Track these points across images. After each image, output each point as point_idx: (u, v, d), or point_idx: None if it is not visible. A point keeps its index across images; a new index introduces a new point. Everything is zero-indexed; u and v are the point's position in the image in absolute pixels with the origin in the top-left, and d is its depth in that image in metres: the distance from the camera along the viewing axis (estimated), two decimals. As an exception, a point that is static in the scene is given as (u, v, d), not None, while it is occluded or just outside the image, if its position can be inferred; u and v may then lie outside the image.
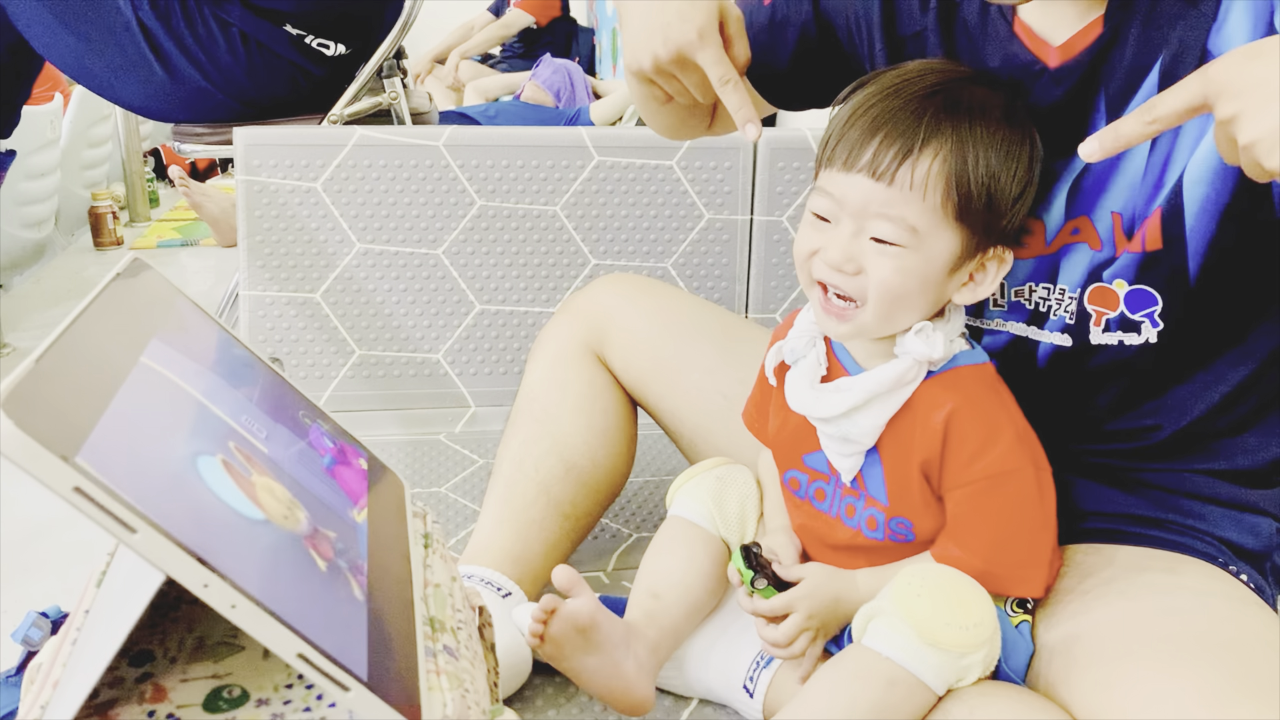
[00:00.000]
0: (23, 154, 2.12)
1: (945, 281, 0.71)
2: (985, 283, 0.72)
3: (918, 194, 0.68)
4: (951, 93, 0.70)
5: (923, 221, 0.68)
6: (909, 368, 0.71)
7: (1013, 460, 0.71)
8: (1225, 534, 0.76)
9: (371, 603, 0.48)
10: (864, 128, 0.69)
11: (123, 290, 0.52)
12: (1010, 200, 0.70)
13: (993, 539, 0.72)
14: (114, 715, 0.45)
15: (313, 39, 1.62)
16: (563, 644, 0.73)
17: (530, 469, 0.95)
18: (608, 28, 4.45)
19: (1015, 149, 0.70)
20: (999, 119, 0.70)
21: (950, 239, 0.69)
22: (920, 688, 0.67)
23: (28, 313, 2.41)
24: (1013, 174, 0.70)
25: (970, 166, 0.68)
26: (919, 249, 0.69)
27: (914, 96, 0.70)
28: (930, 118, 0.68)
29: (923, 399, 0.72)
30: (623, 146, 1.44)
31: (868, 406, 0.72)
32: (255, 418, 0.53)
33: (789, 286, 1.51)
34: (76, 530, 1.44)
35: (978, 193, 0.68)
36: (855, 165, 0.69)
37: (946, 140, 0.68)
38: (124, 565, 0.54)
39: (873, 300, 0.70)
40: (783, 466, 0.82)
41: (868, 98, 0.71)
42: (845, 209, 0.70)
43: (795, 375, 0.77)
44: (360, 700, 0.42)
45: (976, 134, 0.69)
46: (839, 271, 0.70)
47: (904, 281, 0.69)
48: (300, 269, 1.40)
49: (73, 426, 0.39)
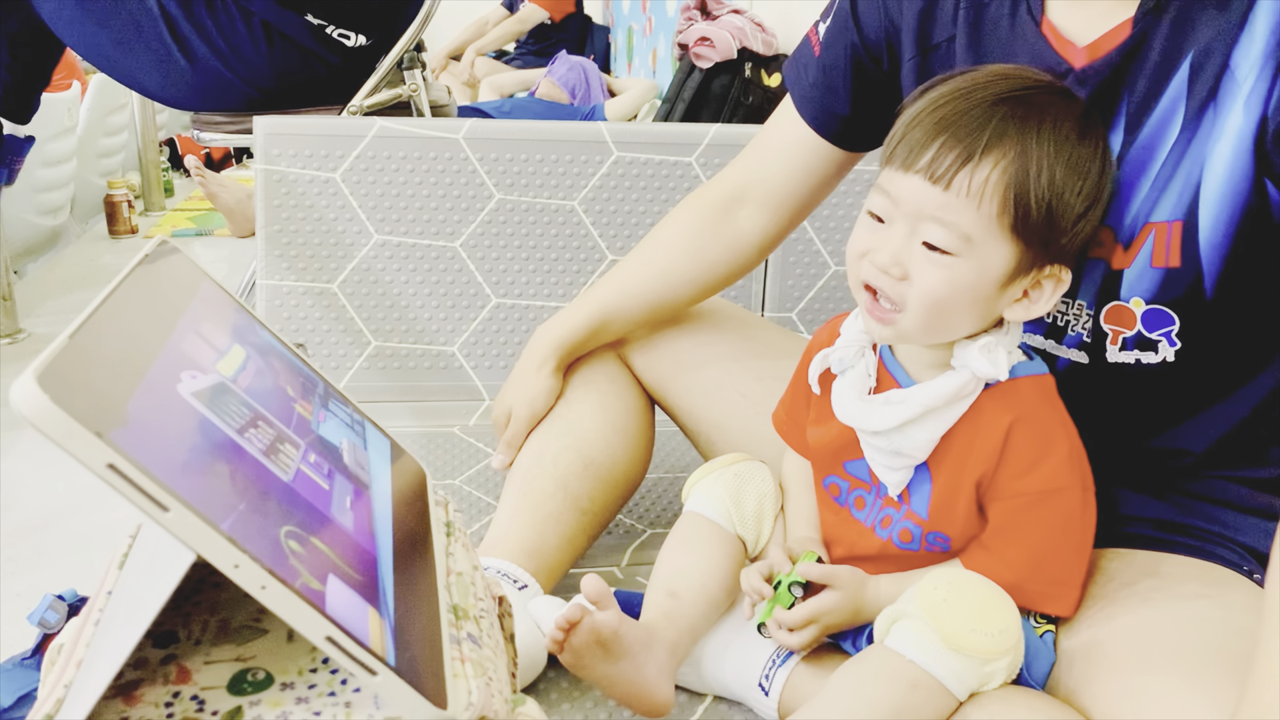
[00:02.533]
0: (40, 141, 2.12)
1: (996, 297, 0.69)
2: (1040, 301, 0.69)
3: (973, 201, 0.66)
4: (1022, 100, 0.67)
5: (977, 230, 0.66)
6: (967, 381, 0.69)
7: (1064, 478, 0.70)
8: (1250, 541, 0.75)
9: (397, 589, 0.47)
10: (927, 128, 0.67)
11: (152, 271, 0.52)
12: (1074, 217, 0.67)
13: (1030, 555, 0.71)
14: (138, 696, 0.45)
15: (334, 29, 1.63)
16: (583, 654, 0.72)
17: (549, 464, 0.95)
18: (623, 25, 4.45)
19: (1085, 164, 0.67)
20: (1070, 131, 0.67)
21: (1004, 252, 0.67)
22: (942, 692, 0.66)
23: (42, 299, 2.41)
24: (1078, 190, 0.67)
25: (1033, 178, 0.66)
26: (970, 259, 0.66)
27: (982, 101, 0.67)
28: (996, 124, 0.66)
29: (981, 412, 0.70)
30: (642, 142, 1.44)
31: (922, 420, 0.70)
32: (281, 400, 0.53)
33: (805, 286, 1.51)
34: (86, 517, 1.45)
35: (1038, 206, 0.66)
36: (914, 166, 0.67)
37: (1010, 149, 0.66)
38: (147, 546, 0.53)
39: (913, 308, 0.68)
40: (822, 472, 0.80)
41: (937, 99, 0.69)
42: (900, 209, 0.68)
43: (843, 385, 0.75)
44: (387, 685, 0.41)
45: (1044, 145, 0.66)
46: (885, 274, 0.68)
47: (950, 293, 0.67)
48: (318, 259, 1.40)
49: (106, 404, 0.39)
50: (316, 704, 0.45)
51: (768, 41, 2.74)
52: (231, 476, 0.43)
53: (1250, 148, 0.66)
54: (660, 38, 3.76)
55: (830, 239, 1.49)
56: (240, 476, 0.43)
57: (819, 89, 0.89)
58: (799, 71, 0.92)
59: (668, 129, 1.49)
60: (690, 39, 2.75)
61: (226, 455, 0.44)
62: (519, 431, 1.00)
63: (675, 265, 0.99)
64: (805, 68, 0.91)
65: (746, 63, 2.69)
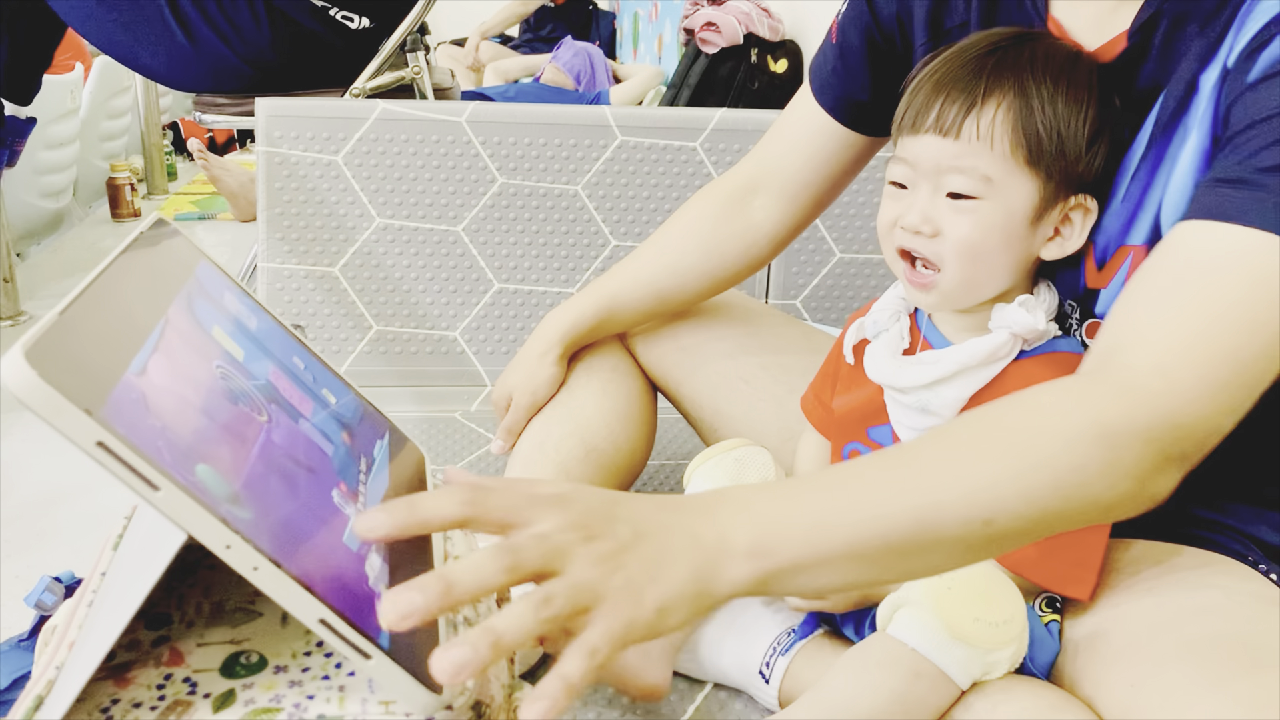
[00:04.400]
0: (42, 123, 2.11)
1: (1029, 236, 0.70)
2: (1073, 236, 0.71)
3: (984, 144, 0.68)
4: (1011, 46, 0.71)
5: (995, 170, 0.68)
6: (1004, 342, 0.70)
7: None
8: (1256, 532, 0.75)
9: (393, 572, 0.47)
10: (929, 91, 0.70)
11: (147, 249, 0.52)
12: (1084, 143, 0.69)
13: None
14: (130, 678, 0.45)
15: (337, 11, 1.61)
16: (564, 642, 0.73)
17: (551, 450, 0.94)
18: (629, 11, 4.43)
19: (1081, 93, 0.69)
20: (1061, 67, 0.69)
21: (1026, 186, 0.69)
22: (944, 681, 0.66)
23: (44, 282, 2.41)
24: (1081, 118, 0.69)
25: (1036, 110, 0.68)
26: (995, 199, 0.69)
27: (975, 56, 0.70)
28: (991, 70, 0.69)
29: (1015, 376, 0.71)
30: (646, 127, 1.42)
31: (954, 379, 0.71)
32: (278, 379, 0.52)
33: (810, 273, 1.50)
34: (86, 499, 1.44)
35: (1047, 136, 0.68)
36: (923, 127, 0.70)
37: (1009, 90, 0.68)
38: (141, 528, 0.53)
39: (952, 261, 0.69)
40: (843, 439, 0.81)
41: (933, 67, 0.72)
42: (919, 171, 0.70)
43: (876, 347, 0.76)
44: (382, 669, 0.41)
45: (1040, 78, 0.68)
46: (918, 235, 0.70)
47: (983, 237, 0.69)
48: (319, 242, 1.39)
49: (96, 381, 0.38)
50: (310, 687, 0.45)
51: (774, 27, 2.72)
52: (226, 457, 0.42)
53: (1205, 169, 0.66)
54: (666, 23, 3.74)
55: (835, 226, 1.48)
56: (234, 456, 0.43)
57: (837, 75, 0.89)
58: (820, 62, 0.92)
59: (672, 113, 1.48)
60: (696, 24, 2.73)
61: (222, 435, 0.43)
62: (518, 419, 0.99)
63: (685, 257, 0.98)
64: (825, 57, 0.91)
65: (752, 48, 2.68)
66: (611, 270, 1.02)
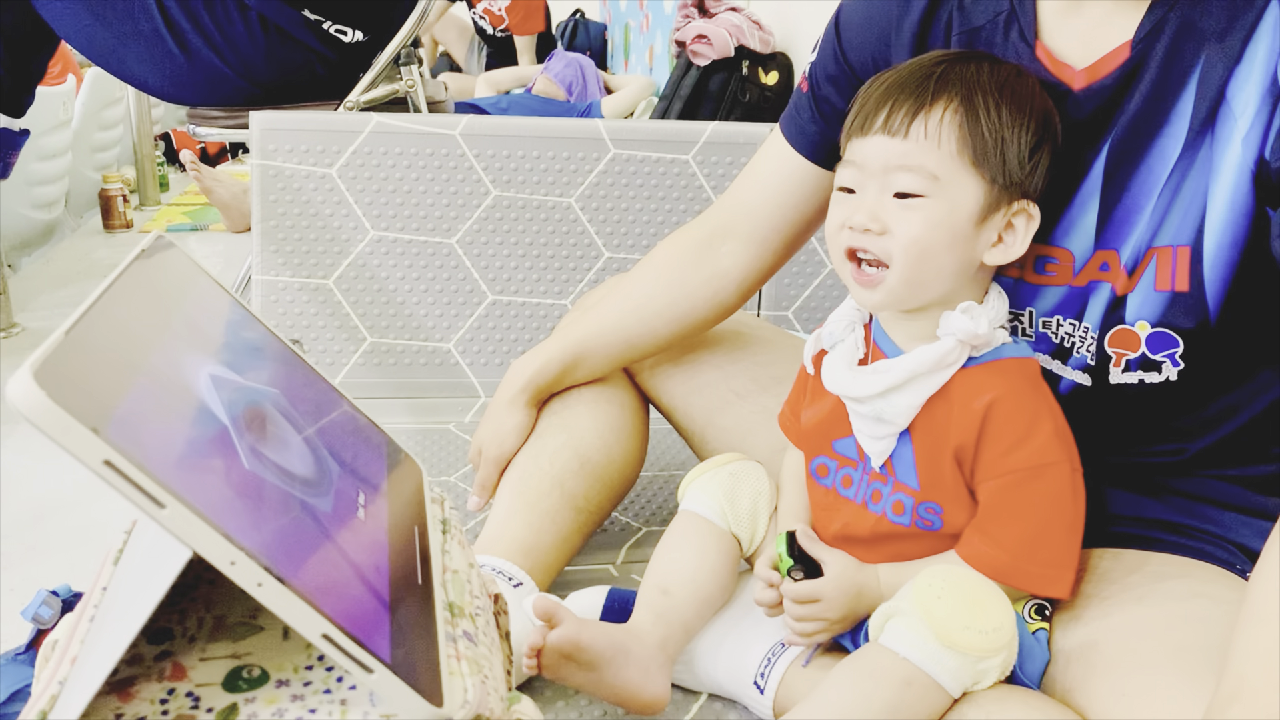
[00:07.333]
0: (35, 135, 2.11)
1: (973, 237, 0.71)
2: (1015, 242, 0.72)
3: (932, 142, 0.70)
4: (960, 56, 0.74)
5: (942, 168, 0.70)
6: (951, 349, 0.71)
7: (1051, 454, 0.70)
8: (1242, 539, 0.76)
9: (393, 586, 0.47)
10: (878, 96, 0.73)
11: (148, 266, 0.52)
12: (1027, 149, 0.71)
13: (1024, 533, 0.71)
14: (133, 692, 0.45)
15: (330, 24, 1.62)
16: (559, 670, 0.75)
17: (545, 462, 0.95)
18: (620, 22, 4.44)
19: (1027, 98, 0.71)
20: (1005, 79, 0.72)
21: (972, 186, 0.70)
22: (936, 689, 0.67)
23: (37, 293, 2.41)
24: (1025, 125, 0.70)
25: (981, 113, 0.70)
26: (941, 197, 0.70)
27: (923, 65, 0.73)
28: (940, 75, 0.72)
29: (963, 384, 0.71)
30: (639, 140, 1.43)
31: (905, 387, 0.72)
32: (277, 395, 0.52)
33: (802, 284, 1.51)
34: (79, 512, 1.44)
35: (992, 138, 0.70)
36: (871, 129, 0.72)
37: (957, 92, 0.71)
38: (142, 543, 0.53)
39: (899, 257, 0.70)
40: (811, 453, 0.81)
41: (882, 76, 0.74)
42: (867, 172, 0.72)
43: (833, 358, 0.77)
44: (383, 683, 0.41)
45: (986, 84, 0.71)
46: (867, 233, 0.71)
47: (929, 234, 0.70)
48: (314, 255, 1.40)
49: (102, 399, 0.39)
50: (312, 701, 0.45)
51: (765, 39, 2.73)
52: (228, 473, 0.43)
53: (1249, 182, 0.68)
54: (657, 35, 3.75)
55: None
56: (237, 473, 0.43)
57: (813, 121, 0.89)
58: (792, 113, 0.91)
59: (665, 126, 1.49)
60: (687, 36, 2.74)
61: (224, 451, 0.44)
62: (489, 474, 0.99)
63: (652, 302, 0.97)
64: (798, 107, 0.90)
65: (743, 60, 2.69)
66: (579, 315, 1.02)
